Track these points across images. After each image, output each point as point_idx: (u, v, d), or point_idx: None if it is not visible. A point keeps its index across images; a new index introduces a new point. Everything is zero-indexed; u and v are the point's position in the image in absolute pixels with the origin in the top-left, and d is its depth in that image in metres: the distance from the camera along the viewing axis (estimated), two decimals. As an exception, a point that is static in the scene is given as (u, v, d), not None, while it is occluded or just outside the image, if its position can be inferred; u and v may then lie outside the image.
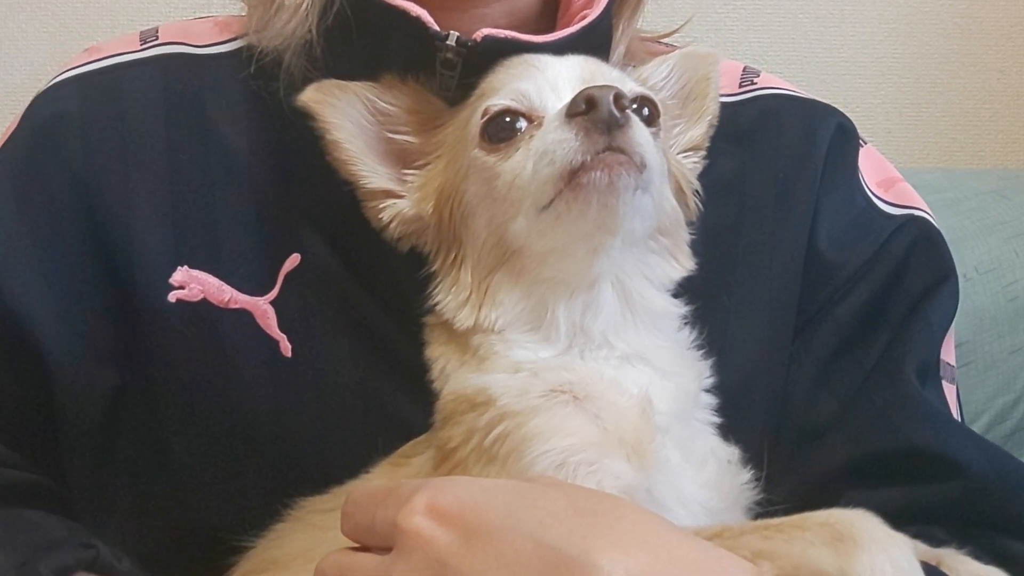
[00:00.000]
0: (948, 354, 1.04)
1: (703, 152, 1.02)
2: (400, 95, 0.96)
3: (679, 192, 0.98)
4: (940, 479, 0.93)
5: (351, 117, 0.94)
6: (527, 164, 0.86)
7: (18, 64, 1.64)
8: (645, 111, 0.90)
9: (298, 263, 1.00)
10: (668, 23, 1.18)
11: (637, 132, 0.83)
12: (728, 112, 1.04)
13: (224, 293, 0.99)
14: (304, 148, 0.95)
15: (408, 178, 0.95)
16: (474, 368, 0.89)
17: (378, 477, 0.92)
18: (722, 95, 1.05)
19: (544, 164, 0.84)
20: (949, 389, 1.03)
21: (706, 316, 0.96)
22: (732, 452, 0.92)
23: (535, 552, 0.68)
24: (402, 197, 0.95)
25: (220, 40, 1.07)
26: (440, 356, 0.91)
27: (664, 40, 1.15)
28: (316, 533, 0.91)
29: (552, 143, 0.83)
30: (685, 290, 0.95)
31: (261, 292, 1.00)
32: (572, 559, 0.67)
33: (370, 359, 1.00)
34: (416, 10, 0.94)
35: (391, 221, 0.94)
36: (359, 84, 0.95)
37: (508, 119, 0.89)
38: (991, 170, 1.85)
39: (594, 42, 0.98)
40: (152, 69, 1.05)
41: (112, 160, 1.01)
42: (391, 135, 0.96)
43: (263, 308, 0.99)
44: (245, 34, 1.05)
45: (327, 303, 1.00)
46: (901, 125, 1.86)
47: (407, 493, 0.73)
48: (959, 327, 1.06)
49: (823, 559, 0.68)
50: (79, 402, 0.99)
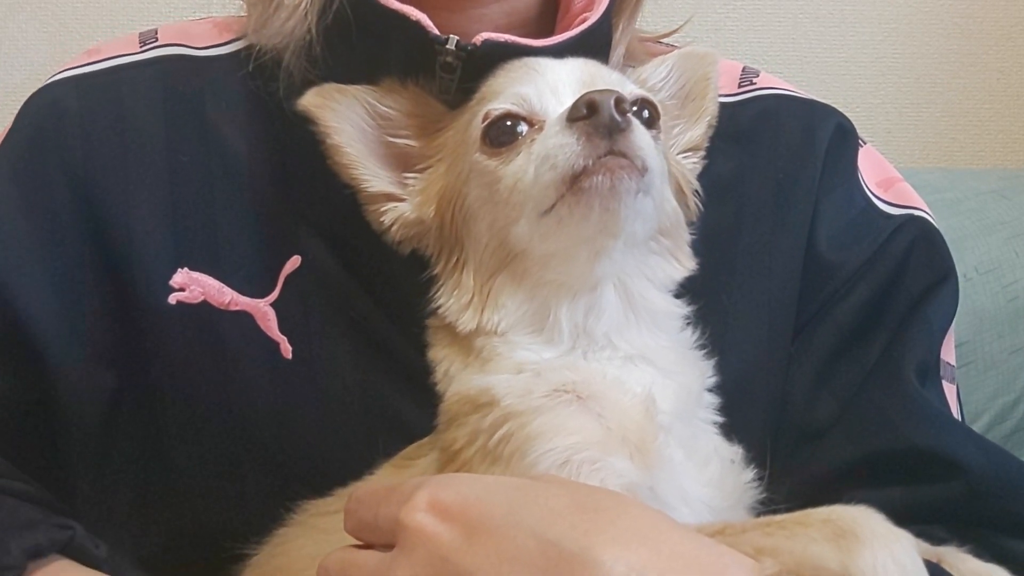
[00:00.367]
0: (948, 354, 1.04)
1: (702, 152, 1.02)
2: (400, 99, 0.95)
3: (679, 192, 0.98)
4: (941, 479, 0.93)
5: (352, 121, 0.94)
6: (529, 168, 0.86)
7: (18, 64, 1.64)
8: (645, 113, 0.90)
9: (298, 265, 1.00)
10: (668, 23, 1.18)
11: (638, 136, 0.83)
12: (727, 112, 1.04)
13: (224, 295, 0.99)
14: (304, 150, 0.95)
15: (409, 182, 0.95)
16: (477, 370, 0.88)
17: (382, 479, 0.92)
18: (721, 95, 1.05)
19: (546, 169, 0.84)
20: (949, 389, 1.02)
21: (706, 316, 0.96)
22: (735, 451, 0.92)
23: (537, 548, 0.68)
24: (403, 201, 0.95)
25: (219, 42, 1.07)
26: (443, 358, 0.91)
27: (664, 40, 1.15)
28: (321, 537, 0.91)
29: (554, 148, 0.83)
30: (685, 290, 0.95)
31: (261, 294, 1.00)
32: (574, 555, 0.67)
33: (370, 361, 1.00)
34: (416, 14, 0.93)
35: (392, 224, 0.94)
36: (359, 88, 0.95)
37: (509, 123, 0.89)
38: (991, 170, 1.85)
39: (594, 44, 0.98)
40: (152, 71, 1.05)
41: (112, 162, 1.01)
42: (392, 139, 0.96)
43: (263, 310, 0.99)
44: (245, 35, 1.05)
45: (327, 305, 1.00)
46: (901, 125, 1.86)
47: (409, 490, 0.74)
48: (959, 327, 1.06)
49: (825, 555, 0.68)
50: (79, 404, 0.99)
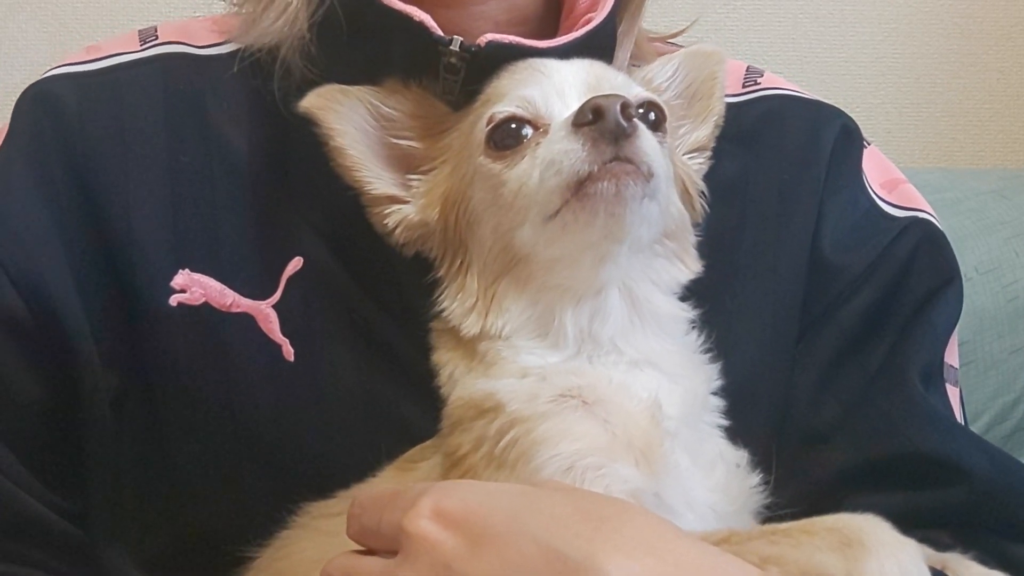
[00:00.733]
0: (952, 356, 1.04)
1: (709, 152, 1.02)
2: (403, 99, 0.95)
3: (684, 194, 0.97)
4: (944, 484, 0.93)
5: (354, 122, 0.93)
6: (533, 173, 0.86)
7: (18, 64, 1.64)
8: (651, 116, 0.90)
9: (300, 267, 0.99)
10: (669, 23, 1.18)
11: (644, 141, 0.83)
12: (731, 112, 1.04)
13: (226, 297, 0.99)
14: (306, 150, 0.95)
15: (412, 183, 0.95)
16: (481, 374, 0.88)
17: (385, 482, 0.92)
18: (725, 95, 1.04)
19: (551, 174, 0.83)
20: (953, 392, 1.02)
21: (710, 319, 0.96)
22: (740, 456, 0.91)
23: (540, 556, 0.68)
24: (407, 203, 0.94)
25: (220, 40, 1.06)
26: (447, 362, 0.91)
27: (669, 40, 1.15)
28: (323, 540, 0.90)
29: (559, 153, 0.83)
30: (690, 293, 0.95)
31: (263, 296, 0.99)
32: (578, 563, 0.66)
33: (372, 363, 0.99)
34: (419, 15, 0.93)
35: (396, 227, 0.94)
36: (362, 89, 0.94)
37: (514, 126, 0.88)
38: (991, 170, 1.85)
39: (599, 45, 0.98)
40: (152, 69, 1.04)
41: (112, 161, 1.00)
42: (395, 140, 0.95)
43: (265, 312, 0.99)
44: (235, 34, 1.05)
45: (329, 307, 1.00)
46: (901, 125, 1.86)
47: (413, 497, 0.73)
48: (959, 327, 1.06)
49: (831, 564, 0.68)
50: (96, 402, 0.98)
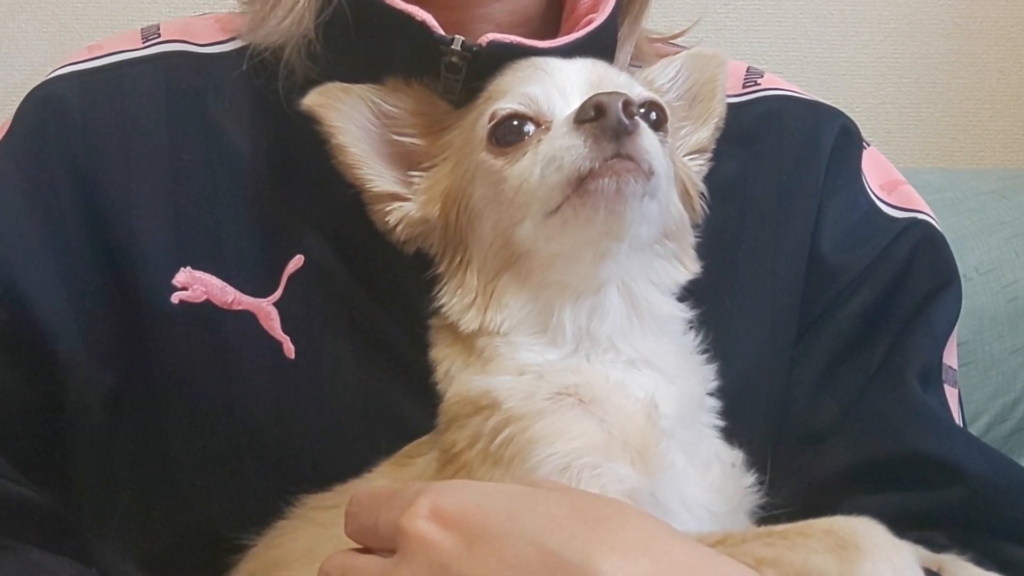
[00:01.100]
0: (950, 357, 1.04)
1: (709, 154, 1.02)
2: (405, 97, 0.95)
3: (684, 195, 0.98)
4: (942, 485, 0.93)
5: (356, 120, 0.93)
6: (535, 169, 0.86)
7: (18, 64, 1.63)
8: (653, 116, 0.90)
9: (301, 264, 1.00)
10: (669, 23, 1.18)
11: (645, 139, 0.83)
12: (731, 113, 1.04)
13: (228, 294, 0.99)
14: (307, 149, 0.95)
15: (414, 180, 0.95)
16: (479, 370, 0.88)
17: (381, 477, 0.92)
18: (726, 96, 1.04)
19: (552, 170, 0.84)
20: (951, 393, 1.02)
21: (708, 319, 0.96)
22: (736, 456, 0.92)
23: (537, 557, 0.68)
24: (408, 200, 0.94)
25: (222, 39, 1.07)
26: (445, 358, 0.91)
27: (670, 41, 1.15)
28: (319, 531, 0.91)
29: (560, 149, 0.83)
30: (688, 293, 0.95)
31: (264, 293, 1.00)
32: (574, 564, 0.67)
33: (373, 361, 0.99)
34: (421, 14, 0.93)
35: (397, 224, 0.94)
36: (364, 87, 0.94)
37: (516, 123, 0.89)
38: (991, 170, 1.85)
39: (600, 46, 0.98)
40: (154, 67, 1.04)
41: (114, 159, 1.00)
42: (396, 137, 0.95)
43: (267, 310, 0.99)
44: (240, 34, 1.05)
45: (330, 305, 1.00)
46: (901, 125, 1.85)
47: (410, 496, 0.74)
48: (959, 327, 1.06)
49: (826, 566, 0.68)
50: (84, 402, 0.98)
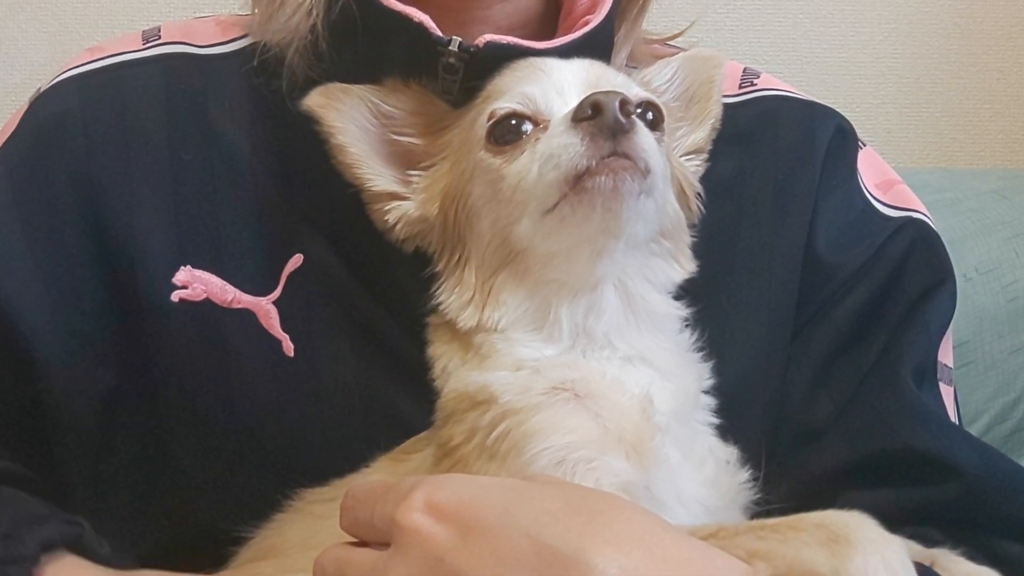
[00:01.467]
0: (945, 356, 1.04)
1: (705, 155, 1.03)
2: (404, 98, 0.96)
3: (681, 194, 0.98)
4: (936, 481, 0.93)
5: (355, 120, 0.94)
6: (532, 167, 0.87)
7: (18, 64, 1.63)
8: (649, 115, 0.91)
9: (300, 263, 1.00)
10: (668, 23, 1.18)
11: (642, 137, 0.84)
12: (727, 113, 1.05)
13: (227, 293, 0.99)
14: (306, 148, 0.96)
15: (413, 180, 0.96)
16: (476, 366, 0.89)
17: (378, 472, 0.92)
18: (722, 96, 1.05)
19: (549, 168, 0.84)
20: (946, 391, 1.03)
21: (704, 318, 0.97)
22: (730, 452, 0.92)
23: (531, 549, 0.68)
24: (407, 199, 0.95)
25: (222, 40, 1.07)
26: (442, 355, 0.92)
27: (668, 42, 1.15)
28: (315, 522, 0.91)
29: (558, 147, 0.84)
30: (685, 292, 0.95)
31: (263, 292, 1.00)
32: (567, 557, 0.67)
33: (372, 359, 1.00)
34: (418, 16, 0.94)
35: (397, 223, 0.95)
36: (363, 87, 0.95)
37: (514, 122, 0.89)
38: (991, 170, 1.85)
39: (596, 47, 0.98)
40: (154, 68, 1.05)
41: (114, 160, 1.01)
42: (395, 137, 0.96)
43: (266, 308, 1.00)
44: (248, 32, 1.06)
45: (329, 303, 1.00)
46: (901, 125, 1.85)
47: (405, 490, 0.74)
48: (959, 327, 1.06)
49: (817, 560, 0.69)
50: (74, 403, 0.99)
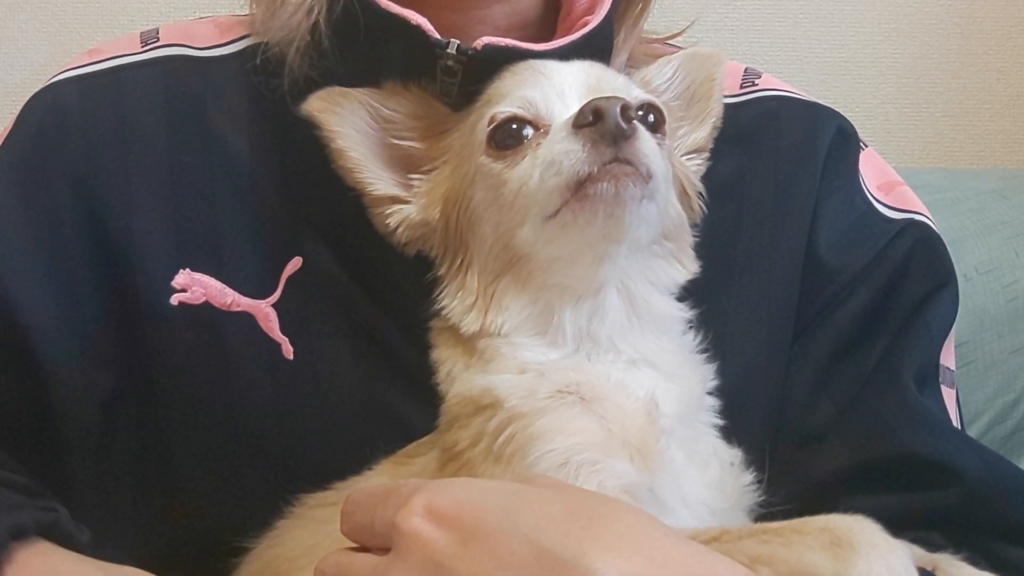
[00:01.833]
0: (948, 359, 1.04)
1: (707, 154, 1.02)
2: (404, 101, 0.96)
3: (683, 194, 0.98)
4: (938, 486, 0.93)
5: (355, 125, 0.94)
6: (534, 173, 0.86)
7: (18, 64, 1.63)
8: (650, 118, 0.91)
9: (300, 266, 1.00)
10: (668, 23, 1.18)
11: (643, 142, 0.83)
12: (728, 113, 1.04)
13: (226, 296, 0.99)
14: (306, 151, 0.95)
15: (413, 183, 0.96)
16: (480, 370, 0.89)
17: (380, 475, 0.92)
18: (723, 96, 1.05)
19: (551, 174, 0.84)
20: (948, 394, 1.02)
21: (706, 319, 0.96)
22: (735, 454, 0.92)
23: (531, 554, 0.68)
24: (408, 203, 0.95)
25: (221, 42, 1.07)
26: (446, 359, 0.92)
27: (668, 42, 1.15)
28: (317, 528, 0.91)
29: (559, 154, 0.84)
30: (687, 293, 0.95)
31: (263, 295, 1.00)
32: (567, 562, 0.67)
33: (371, 362, 1.00)
34: (416, 18, 0.93)
35: (397, 227, 0.94)
36: (362, 91, 0.95)
37: (515, 126, 0.89)
38: (991, 170, 1.85)
39: (596, 48, 0.98)
40: (153, 71, 1.05)
41: (113, 162, 1.01)
42: (396, 141, 0.96)
43: (265, 311, 1.00)
44: (246, 35, 1.05)
45: (328, 306, 1.00)
46: (901, 125, 1.85)
47: (406, 494, 0.74)
48: (959, 327, 1.06)
49: (820, 564, 0.69)
50: (76, 404, 0.99)
